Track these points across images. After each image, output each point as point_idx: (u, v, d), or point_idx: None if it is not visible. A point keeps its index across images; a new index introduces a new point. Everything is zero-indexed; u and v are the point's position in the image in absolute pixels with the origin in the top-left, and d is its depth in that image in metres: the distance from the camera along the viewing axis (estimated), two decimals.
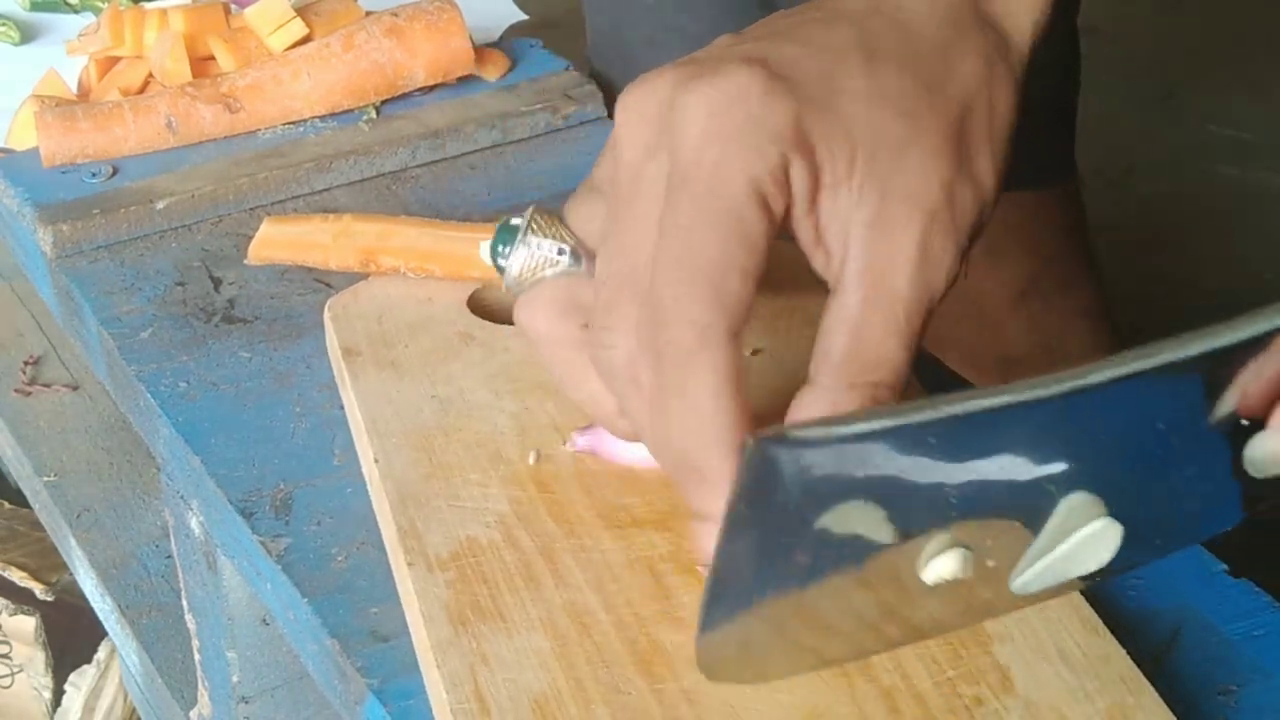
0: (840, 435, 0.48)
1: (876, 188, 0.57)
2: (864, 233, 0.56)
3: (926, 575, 0.52)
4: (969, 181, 0.58)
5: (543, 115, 0.97)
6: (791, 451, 0.48)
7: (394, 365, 0.73)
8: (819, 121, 0.56)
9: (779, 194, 0.56)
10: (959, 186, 0.58)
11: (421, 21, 0.96)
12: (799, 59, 0.58)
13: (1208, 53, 2.52)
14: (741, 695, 0.57)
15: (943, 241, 0.57)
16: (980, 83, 0.60)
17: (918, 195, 0.57)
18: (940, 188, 0.57)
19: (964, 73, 0.59)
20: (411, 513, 0.65)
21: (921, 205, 0.57)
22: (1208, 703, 0.60)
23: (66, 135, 0.91)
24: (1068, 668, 0.58)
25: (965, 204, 0.58)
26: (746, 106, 0.55)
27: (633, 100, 0.58)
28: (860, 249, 0.56)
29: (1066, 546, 0.53)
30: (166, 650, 0.97)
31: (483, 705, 0.57)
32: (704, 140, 0.55)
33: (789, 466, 0.48)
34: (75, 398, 1.17)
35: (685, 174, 0.55)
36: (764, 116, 0.55)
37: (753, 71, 0.56)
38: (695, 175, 0.55)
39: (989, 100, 0.60)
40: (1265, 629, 0.63)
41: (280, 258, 0.83)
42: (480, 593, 0.61)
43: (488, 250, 0.74)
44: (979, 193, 0.59)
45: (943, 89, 0.59)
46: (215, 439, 0.74)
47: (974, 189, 0.59)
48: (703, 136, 0.56)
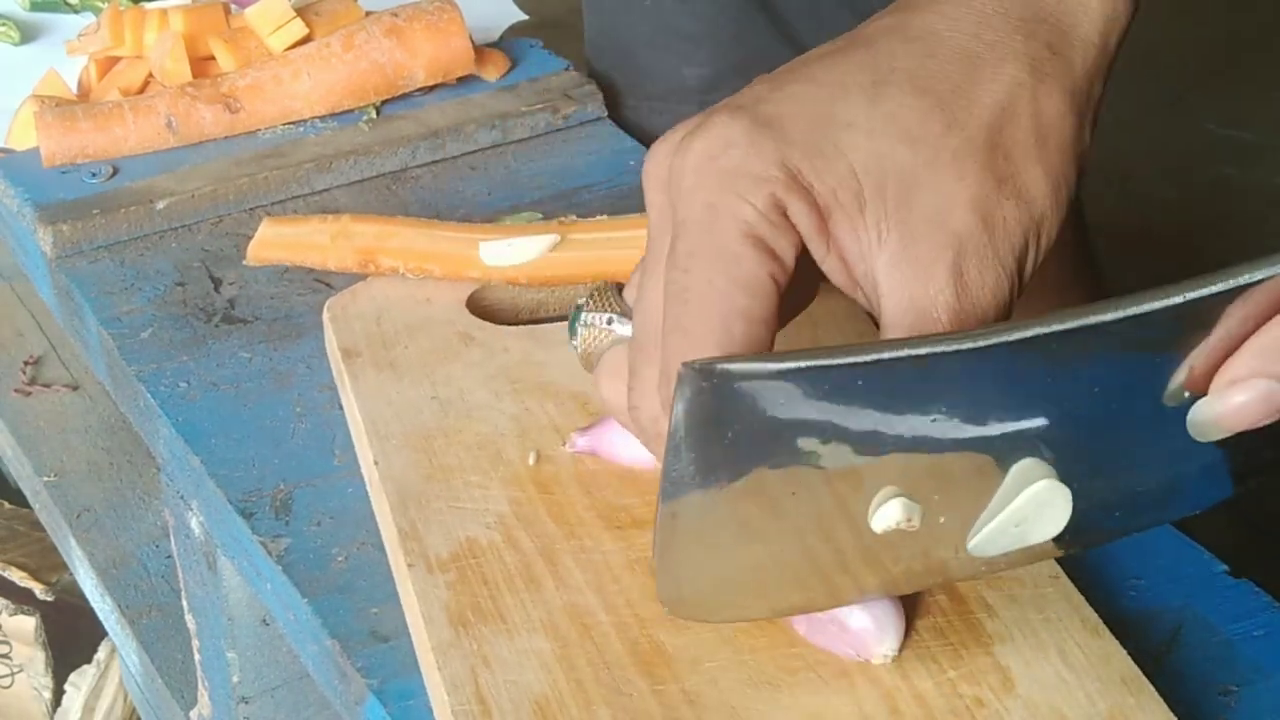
0: (770, 371, 0.50)
1: (896, 222, 0.55)
2: (891, 270, 0.55)
3: (875, 524, 0.53)
4: (1011, 197, 0.56)
5: (543, 115, 0.97)
6: (723, 381, 0.50)
7: (393, 366, 0.73)
8: (812, 160, 0.55)
9: (778, 234, 0.55)
10: (997, 206, 0.56)
11: (421, 22, 0.96)
12: (798, 98, 0.57)
13: (1210, 54, 2.52)
14: (743, 696, 0.57)
15: (979, 266, 0.55)
16: (1019, 89, 0.57)
17: (941, 222, 0.55)
18: (970, 211, 0.55)
19: (999, 82, 0.57)
20: (412, 514, 0.65)
21: (948, 232, 0.55)
22: (1208, 703, 0.60)
23: (66, 135, 0.91)
24: (1069, 669, 0.58)
25: (1008, 221, 0.56)
26: (730, 155, 0.55)
27: (647, 166, 0.59)
28: (891, 287, 0.55)
29: (1014, 506, 0.54)
30: (166, 650, 0.97)
31: (484, 707, 0.57)
32: (694, 194, 0.56)
33: (721, 394, 0.50)
34: (75, 398, 1.17)
35: (680, 233, 0.56)
36: (747, 161, 0.55)
37: (736, 121, 0.56)
38: (689, 232, 0.56)
39: (1033, 106, 0.57)
40: (1265, 629, 0.63)
41: (279, 258, 0.83)
42: (481, 594, 0.61)
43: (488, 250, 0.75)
44: (1028, 211, 0.56)
45: (967, 105, 0.56)
46: (215, 439, 0.74)
47: (1018, 203, 0.56)
48: (693, 191, 0.56)
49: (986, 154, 0.56)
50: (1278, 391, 0.51)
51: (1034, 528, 0.55)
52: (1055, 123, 0.57)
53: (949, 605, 0.60)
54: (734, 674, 0.58)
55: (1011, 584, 0.61)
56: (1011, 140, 0.57)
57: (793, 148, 0.55)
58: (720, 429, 0.51)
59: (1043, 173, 0.57)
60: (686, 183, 0.56)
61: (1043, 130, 0.57)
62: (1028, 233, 0.56)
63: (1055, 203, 0.57)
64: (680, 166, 0.56)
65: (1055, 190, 0.57)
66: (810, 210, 0.55)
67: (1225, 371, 0.52)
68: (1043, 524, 0.55)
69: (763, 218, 0.55)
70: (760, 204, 0.55)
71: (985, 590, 0.61)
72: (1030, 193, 0.57)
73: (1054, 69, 0.58)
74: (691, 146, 0.56)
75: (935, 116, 0.56)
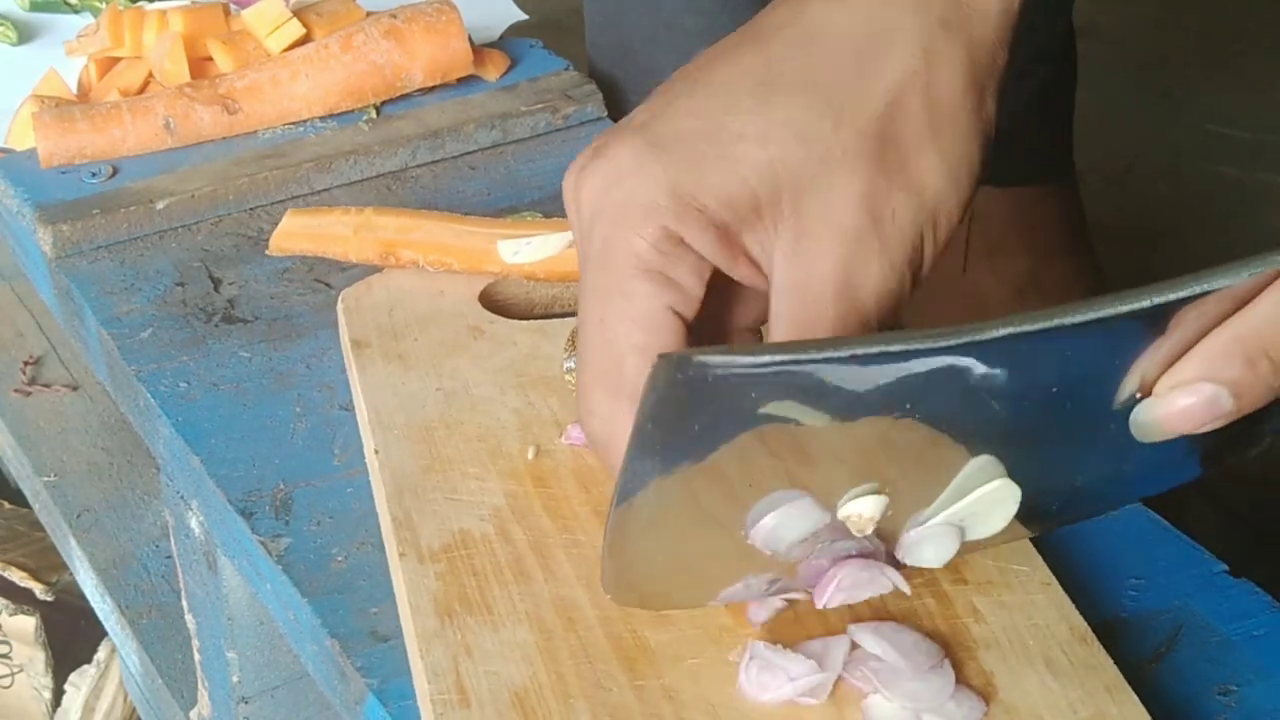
0: (741, 364, 0.51)
1: (790, 221, 0.56)
2: (782, 265, 0.56)
3: (840, 511, 0.55)
4: (902, 189, 0.57)
5: (543, 115, 0.97)
6: (694, 373, 0.50)
7: (401, 358, 0.74)
8: (701, 177, 0.56)
9: (673, 264, 0.56)
10: (886, 198, 0.56)
11: (420, 23, 0.96)
12: (692, 112, 0.57)
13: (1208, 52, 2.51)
14: (723, 694, 0.57)
15: (866, 261, 0.56)
16: (910, 76, 0.57)
17: (833, 218, 0.56)
18: (859, 207, 0.56)
19: (889, 73, 0.57)
20: (407, 504, 0.65)
21: (836, 227, 0.56)
22: (1208, 703, 0.60)
23: (64, 136, 0.91)
24: (1053, 676, 0.58)
25: (898, 215, 0.56)
26: (622, 185, 0.56)
27: (564, 185, 0.59)
28: (781, 281, 0.56)
29: (965, 503, 0.56)
30: (166, 650, 0.97)
31: (463, 696, 0.57)
32: (591, 229, 0.57)
33: (692, 387, 0.50)
34: (75, 398, 1.17)
35: (583, 264, 0.58)
36: (637, 191, 0.56)
37: (627, 147, 0.57)
38: (588, 264, 0.57)
39: (925, 93, 0.57)
40: (1265, 629, 0.63)
41: (302, 249, 0.83)
42: (469, 585, 0.61)
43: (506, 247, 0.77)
44: (919, 198, 0.57)
45: (855, 100, 0.57)
46: (215, 439, 0.74)
47: (909, 195, 0.57)
48: (590, 225, 0.57)
49: (877, 147, 0.56)
50: (1220, 396, 0.52)
51: (979, 524, 0.57)
52: (950, 104, 0.58)
53: (936, 609, 0.60)
54: (715, 671, 0.58)
55: (1001, 590, 0.61)
56: (903, 130, 0.57)
57: (683, 170, 0.56)
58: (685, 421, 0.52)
59: (938, 159, 0.57)
60: (585, 216, 0.57)
61: (936, 115, 0.57)
62: (921, 224, 0.57)
63: (953, 186, 0.58)
64: (579, 199, 0.58)
65: (952, 173, 0.57)
66: (706, 230, 0.56)
67: (1170, 375, 0.52)
68: (989, 520, 0.57)
69: (654, 250, 0.56)
70: (650, 237, 0.56)
71: (974, 595, 0.61)
72: (923, 181, 0.57)
73: (948, 46, 0.58)
74: (587, 178, 0.57)
75: (825, 115, 0.56)
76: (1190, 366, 0.52)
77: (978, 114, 0.58)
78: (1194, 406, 0.52)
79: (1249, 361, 0.51)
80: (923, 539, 0.57)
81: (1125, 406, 0.54)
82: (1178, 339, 0.52)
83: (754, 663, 0.57)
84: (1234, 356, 0.51)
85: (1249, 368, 0.51)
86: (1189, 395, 0.52)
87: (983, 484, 0.56)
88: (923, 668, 0.57)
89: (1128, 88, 2.37)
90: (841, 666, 0.57)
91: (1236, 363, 0.51)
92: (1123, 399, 0.54)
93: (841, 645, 0.58)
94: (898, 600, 0.60)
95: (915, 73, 0.57)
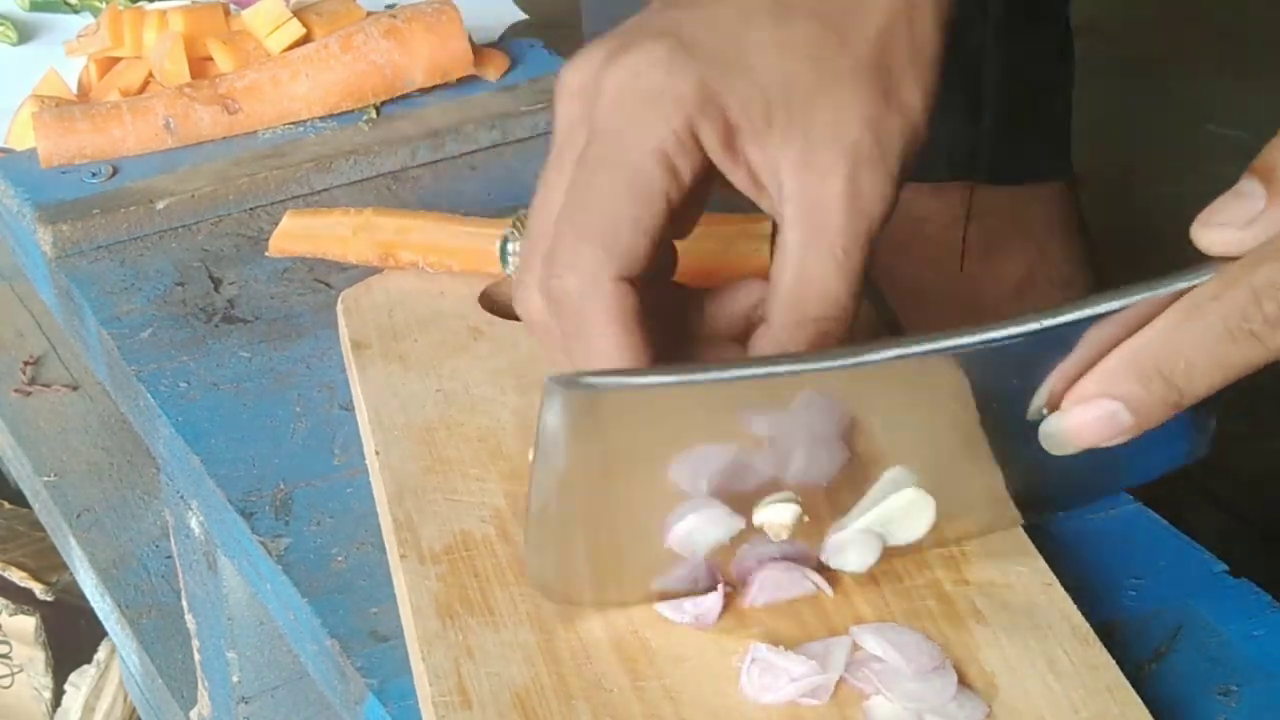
0: (631, 385, 0.55)
1: (799, 131, 0.60)
2: (794, 174, 0.60)
3: (757, 518, 0.59)
4: (895, 112, 0.61)
5: (543, 115, 0.97)
6: (582, 394, 0.54)
7: (401, 359, 0.74)
8: (726, 79, 0.60)
9: (685, 155, 0.60)
10: (884, 118, 0.61)
11: (420, 23, 0.96)
12: (712, 22, 0.62)
13: (1208, 53, 2.51)
14: (724, 696, 0.57)
15: (871, 173, 0.60)
16: (896, 14, 0.62)
17: (840, 133, 0.60)
18: (861, 123, 0.60)
19: (880, 7, 0.62)
20: (408, 505, 0.65)
21: (844, 142, 0.60)
22: (1208, 703, 0.60)
23: (64, 136, 0.91)
24: (1055, 676, 0.58)
25: (892, 134, 0.61)
26: (652, 77, 0.60)
27: (566, 77, 0.63)
28: (793, 190, 0.60)
29: (879, 511, 0.59)
30: (166, 650, 0.97)
31: (465, 698, 0.57)
32: (614, 110, 0.61)
33: (580, 407, 0.54)
34: (75, 398, 1.17)
35: (594, 139, 0.61)
36: (668, 85, 0.60)
37: (660, 43, 0.61)
38: (603, 140, 0.61)
39: (908, 27, 0.63)
40: (1265, 629, 0.63)
41: (301, 250, 0.83)
42: (470, 586, 0.61)
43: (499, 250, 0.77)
44: (907, 120, 0.62)
45: (856, 28, 0.62)
46: (215, 439, 0.74)
47: (900, 117, 0.61)
48: (613, 106, 0.61)
49: (874, 72, 0.62)
50: (1119, 412, 0.54)
51: (899, 530, 0.60)
52: (926, 40, 0.63)
53: (938, 610, 0.60)
54: (716, 672, 0.58)
55: (1003, 591, 0.61)
56: (893, 59, 0.62)
57: (711, 68, 0.60)
58: (587, 433, 0.55)
59: (918, 87, 0.63)
60: (609, 95, 0.61)
61: (916, 49, 0.63)
62: (908, 140, 0.62)
63: (926, 110, 0.63)
64: (604, 79, 0.61)
65: (926, 99, 0.63)
66: (719, 129, 0.60)
67: (1074, 390, 0.55)
68: (907, 527, 0.60)
69: (674, 138, 0.60)
70: (675, 125, 0.60)
71: (976, 596, 0.61)
72: (910, 104, 0.62)
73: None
74: (619, 61, 0.61)
75: (830, 38, 0.62)
76: (1091, 382, 0.55)
77: (941, 52, 0.64)
78: (1094, 420, 0.55)
79: (1143, 379, 0.54)
80: (845, 544, 0.60)
81: (1035, 421, 0.57)
82: (1082, 357, 0.55)
83: (756, 664, 0.57)
84: (1130, 373, 0.54)
85: (1143, 385, 0.54)
86: (1089, 410, 0.55)
87: (895, 493, 0.59)
88: (925, 669, 0.57)
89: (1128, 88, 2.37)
90: (843, 668, 0.57)
91: (1132, 379, 0.54)
92: (1034, 412, 0.57)
93: (843, 646, 0.58)
94: (900, 601, 0.61)
95: (899, 10, 0.63)
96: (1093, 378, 0.55)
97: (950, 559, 0.62)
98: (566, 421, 0.54)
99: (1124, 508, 0.69)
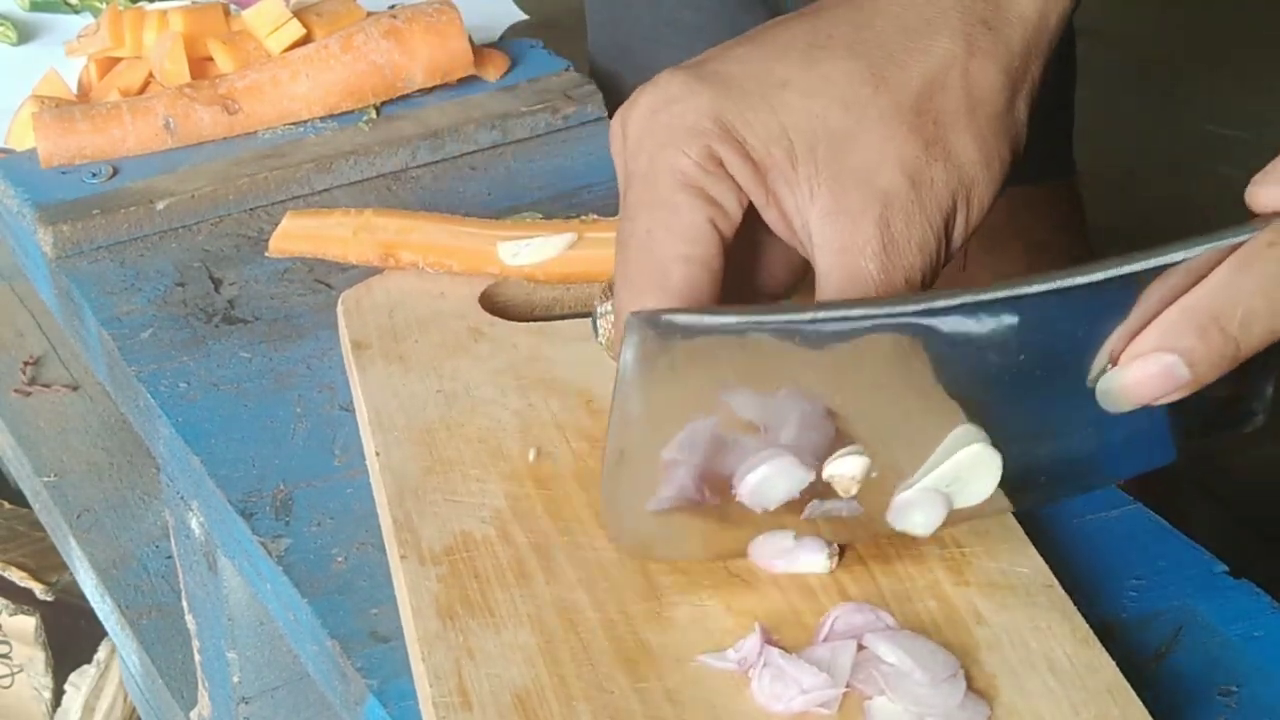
0: (710, 323, 0.54)
1: (829, 177, 0.58)
2: (823, 221, 0.59)
3: (827, 471, 0.58)
4: (940, 159, 0.59)
5: (543, 115, 0.97)
6: (666, 329, 0.54)
7: (402, 359, 0.74)
8: (744, 113, 0.59)
9: (715, 182, 0.58)
10: (925, 167, 0.59)
11: (420, 24, 0.96)
12: (741, 58, 0.60)
13: (1207, 53, 2.52)
14: (725, 696, 0.57)
15: (906, 221, 0.58)
16: (951, 60, 0.60)
17: (871, 179, 0.58)
18: (898, 169, 0.58)
19: (932, 53, 0.60)
20: (408, 506, 0.65)
21: (876, 188, 0.58)
22: (1208, 703, 0.60)
23: (64, 136, 0.91)
24: (1055, 678, 0.58)
25: (935, 183, 0.59)
26: (670, 109, 0.59)
27: (611, 126, 0.62)
28: (824, 238, 0.59)
29: (946, 468, 0.59)
30: (166, 650, 0.97)
31: (465, 699, 0.57)
32: (638, 148, 0.60)
33: (665, 342, 0.54)
34: (75, 398, 1.17)
35: (628, 181, 0.60)
36: (684, 114, 0.59)
37: (676, 77, 0.60)
38: (634, 184, 0.60)
39: (964, 78, 0.60)
40: (1265, 630, 0.63)
41: (301, 250, 0.83)
42: (471, 587, 0.61)
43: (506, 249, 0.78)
44: (955, 170, 0.59)
45: (898, 71, 0.59)
46: (215, 439, 0.74)
47: (947, 166, 0.59)
48: (637, 144, 0.60)
49: (914, 118, 0.59)
50: (1176, 365, 0.54)
51: (964, 490, 0.59)
52: (987, 94, 0.60)
53: (939, 611, 0.60)
54: (718, 674, 0.58)
55: (1004, 593, 0.61)
56: (941, 107, 0.59)
57: (728, 101, 0.59)
58: (666, 373, 0.55)
59: (972, 140, 0.60)
60: (632, 137, 0.60)
61: (974, 100, 0.60)
62: (955, 195, 0.59)
63: (986, 170, 0.60)
64: (627, 121, 0.61)
65: (986, 157, 0.60)
66: (745, 161, 0.59)
67: (1132, 346, 0.55)
68: (973, 486, 0.59)
69: (698, 167, 0.58)
70: (695, 154, 0.58)
71: (977, 598, 0.61)
72: (960, 157, 0.59)
73: (988, 43, 0.60)
74: (637, 101, 0.60)
75: (866, 79, 0.59)
76: (1149, 337, 0.54)
77: (1009, 111, 0.61)
78: (1153, 376, 0.54)
79: (1200, 331, 0.53)
80: (911, 503, 0.60)
81: (1096, 379, 0.57)
82: (1141, 314, 0.55)
83: (766, 670, 0.57)
84: (1187, 327, 0.54)
85: (1200, 337, 0.53)
86: (1147, 365, 0.54)
87: (963, 449, 0.58)
88: (940, 677, 0.57)
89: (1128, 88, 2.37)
90: (849, 672, 0.57)
91: (1189, 332, 0.53)
92: (1094, 373, 0.56)
93: (848, 649, 0.58)
94: (900, 604, 0.60)
95: (956, 57, 0.60)
96: (1150, 332, 0.54)
97: (951, 560, 0.62)
98: (644, 359, 0.54)
99: (1124, 508, 0.69)
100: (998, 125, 0.60)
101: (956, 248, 0.61)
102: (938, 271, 0.60)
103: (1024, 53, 0.61)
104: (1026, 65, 0.61)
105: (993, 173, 0.60)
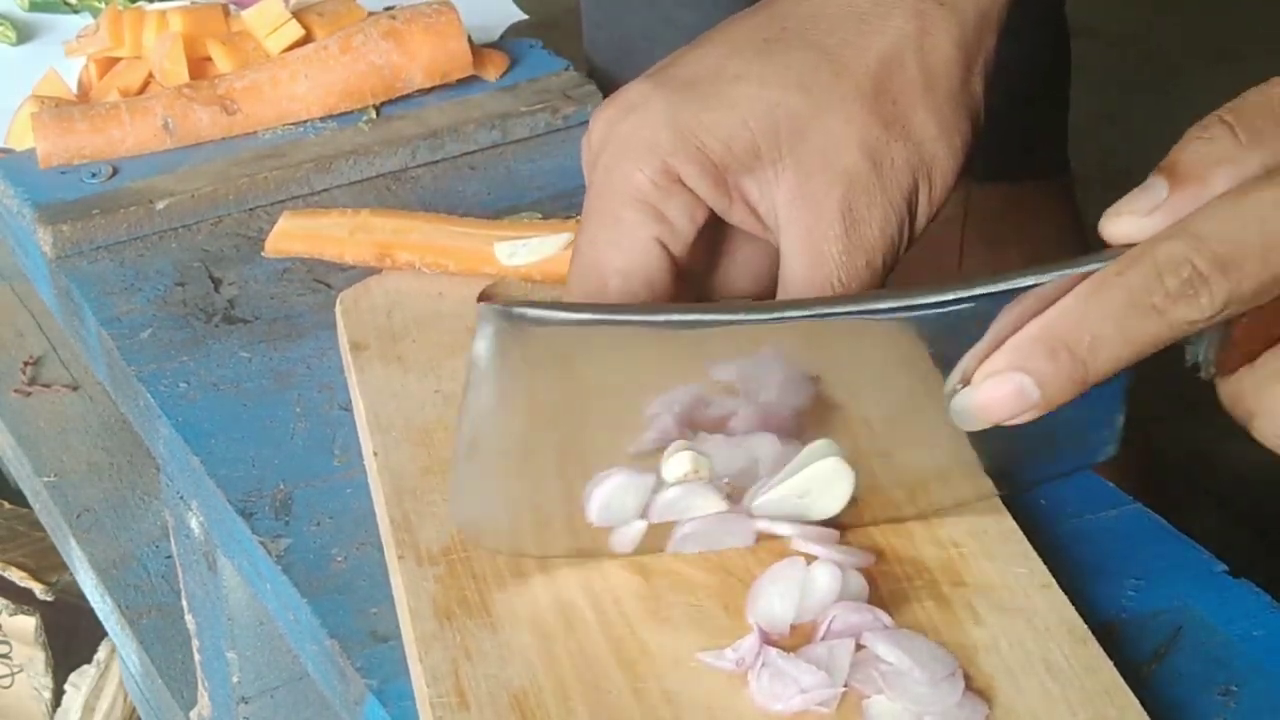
0: (561, 319, 0.55)
1: (790, 163, 0.59)
2: (787, 205, 0.59)
3: (666, 473, 0.59)
4: (899, 139, 0.60)
5: (542, 115, 0.97)
6: (518, 321, 0.54)
7: (400, 360, 0.74)
8: (700, 115, 0.59)
9: (666, 199, 0.59)
10: (885, 146, 0.60)
11: (419, 24, 0.96)
12: (698, 59, 0.61)
13: (1206, 53, 2.51)
14: (723, 697, 0.57)
15: (868, 202, 0.59)
16: (904, 39, 0.60)
17: (832, 161, 0.59)
18: (857, 150, 0.59)
19: (885, 34, 0.60)
20: (406, 506, 0.65)
21: (837, 169, 0.59)
22: (1208, 703, 0.60)
23: (63, 136, 0.91)
24: (1052, 678, 0.58)
25: (895, 162, 0.60)
26: (626, 119, 0.60)
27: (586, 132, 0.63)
28: (788, 220, 0.59)
29: (798, 479, 0.60)
30: (166, 650, 0.97)
31: (462, 700, 0.57)
32: (598, 158, 0.61)
33: (518, 334, 0.55)
34: (75, 398, 1.17)
35: (588, 191, 0.61)
36: (641, 127, 0.60)
37: (637, 87, 0.61)
38: (591, 191, 0.61)
39: (919, 56, 0.61)
40: (1265, 629, 0.63)
41: (298, 250, 0.83)
42: (468, 588, 0.61)
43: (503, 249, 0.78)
44: (915, 148, 0.60)
45: (854, 54, 0.60)
46: (215, 439, 0.74)
47: (906, 144, 0.60)
48: (597, 155, 0.61)
49: (873, 99, 0.60)
50: (1026, 386, 0.54)
51: (819, 503, 0.61)
52: (943, 70, 0.61)
53: (935, 611, 0.60)
54: (715, 674, 0.58)
55: (1000, 592, 0.61)
56: (898, 86, 0.60)
57: (685, 105, 0.60)
58: (519, 366, 0.55)
59: (931, 116, 0.61)
60: (593, 147, 0.62)
61: (930, 77, 0.61)
62: (916, 172, 0.60)
63: (947, 146, 0.61)
64: (592, 130, 0.62)
65: (945, 133, 0.61)
66: (704, 172, 0.59)
67: (986, 365, 0.55)
68: (826, 499, 0.61)
69: (652, 184, 0.59)
70: (649, 171, 0.59)
71: (974, 598, 0.61)
72: (918, 134, 0.60)
73: (941, 19, 0.61)
74: (599, 116, 0.62)
75: (823, 66, 0.60)
76: (1001, 357, 0.55)
77: (966, 86, 0.62)
78: (1005, 395, 0.55)
79: (1051, 353, 0.54)
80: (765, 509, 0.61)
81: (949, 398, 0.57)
82: (994, 336, 0.55)
83: (765, 670, 0.57)
84: (1038, 348, 0.54)
85: (1051, 359, 0.54)
86: (1000, 384, 0.55)
87: (815, 462, 0.60)
88: (938, 676, 0.57)
89: (1126, 88, 2.37)
90: (847, 671, 0.57)
91: (1040, 354, 0.54)
92: (950, 390, 0.57)
93: (846, 649, 0.58)
94: (899, 605, 0.60)
95: (910, 35, 0.61)
96: (1003, 352, 0.55)
97: (947, 560, 0.62)
98: (496, 351, 0.55)
99: (1123, 507, 0.69)
100: (956, 101, 0.61)
101: (921, 226, 0.62)
102: (899, 252, 0.60)
103: (977, 26, 0.62)
104: (980, 39, 0.62)
105: (953, 148, 0.61)
